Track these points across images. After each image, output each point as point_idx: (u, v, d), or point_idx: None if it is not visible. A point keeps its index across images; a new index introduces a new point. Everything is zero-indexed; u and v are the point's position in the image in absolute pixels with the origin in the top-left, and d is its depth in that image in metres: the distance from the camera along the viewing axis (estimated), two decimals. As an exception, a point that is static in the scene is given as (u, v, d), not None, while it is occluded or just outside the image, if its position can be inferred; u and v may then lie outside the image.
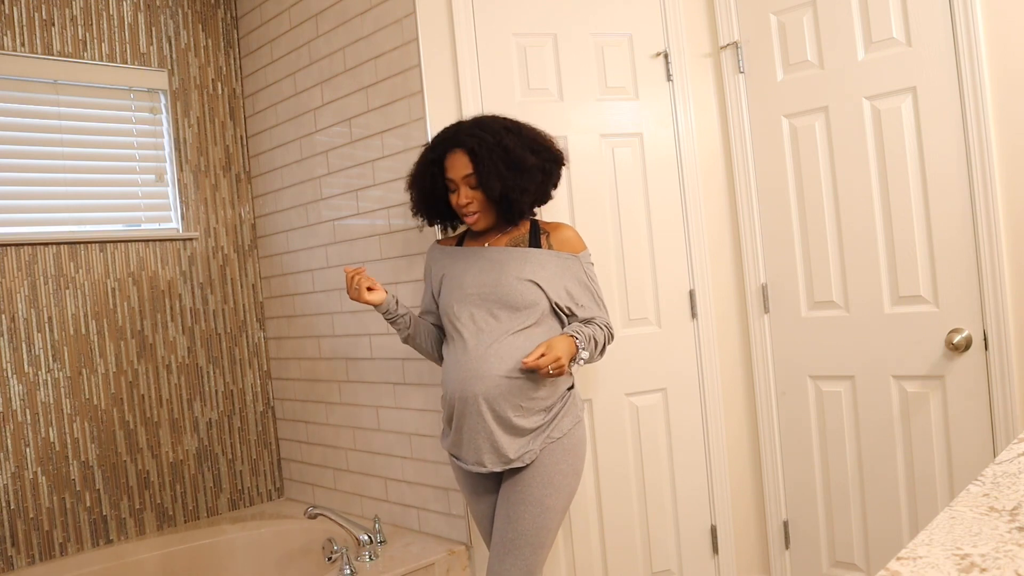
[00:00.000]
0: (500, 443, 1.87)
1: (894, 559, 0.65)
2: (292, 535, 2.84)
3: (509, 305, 1.91)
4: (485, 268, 1.97)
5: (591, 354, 1.92)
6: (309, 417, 3.09)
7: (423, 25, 2.40)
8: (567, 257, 2.00)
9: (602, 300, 2.05)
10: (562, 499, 1.91)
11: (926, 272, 2.23)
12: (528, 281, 1.92)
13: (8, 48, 2.70)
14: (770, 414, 2.56)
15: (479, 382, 1.87)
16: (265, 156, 3.17)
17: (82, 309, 2.81)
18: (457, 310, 1.96)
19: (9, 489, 2.62)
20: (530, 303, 1.91)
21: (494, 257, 1.98)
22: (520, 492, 1.88)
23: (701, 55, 2.59)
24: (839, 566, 2.46)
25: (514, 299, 1.91)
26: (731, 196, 2.60)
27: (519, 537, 1.86)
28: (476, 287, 1.95)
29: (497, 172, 1.92)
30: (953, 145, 2.15)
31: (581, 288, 2.00)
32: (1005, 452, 0.91)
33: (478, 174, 1.93)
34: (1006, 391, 2.11)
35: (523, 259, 1.96)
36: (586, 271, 2.02)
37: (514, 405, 1.87)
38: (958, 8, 2.10)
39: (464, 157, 1.96)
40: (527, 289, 1.92)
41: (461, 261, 2.03)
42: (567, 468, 1.91)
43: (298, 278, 3.06)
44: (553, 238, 2.03)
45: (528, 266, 1.95)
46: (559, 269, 1.97)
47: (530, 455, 1.88)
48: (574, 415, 1.96)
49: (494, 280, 1.94)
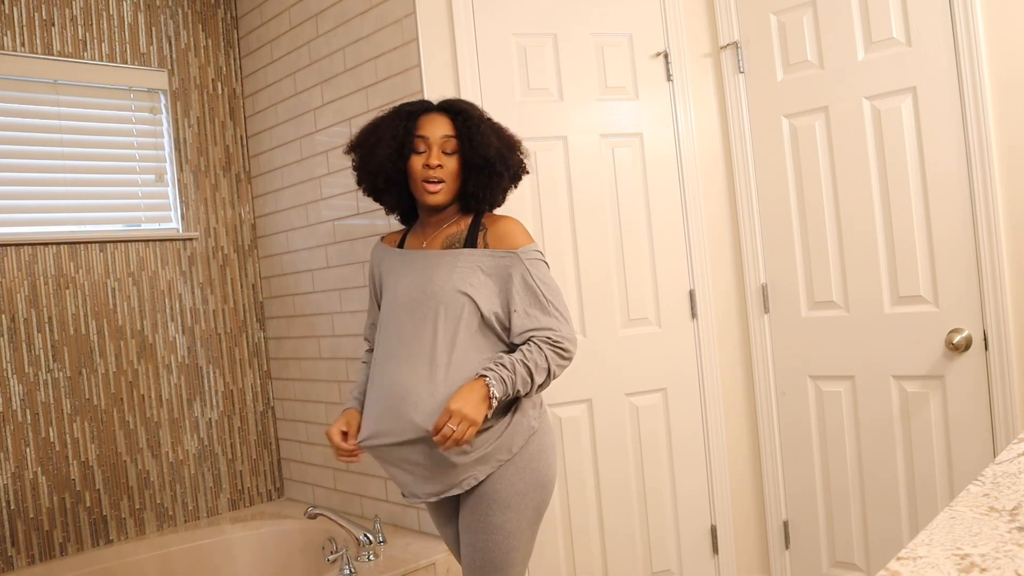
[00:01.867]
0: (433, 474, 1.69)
1: (894, 559, 0.65)
2: (292, 535, 2.84)
3: (435, 318, 1.69)
4: (416, 275, 1.76)
5: (506, 392, 1.62)
6: (309, 417, 3.08)
7: (423, 25, 2.40)
8: (503, 256, 1.71)
9: (552, 303, 1.70)
10: (526, 518, 1.72)
11: (926, 272, 2.23)
12: (456, 291, 1.68)
13: (8, 48, 2.70)
14: (770, 414, 2.56)
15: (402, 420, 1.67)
16: (265, 156, 3.17)
17: (82, 309, 2.81)
18: (385, 326, 1.78)
19: (9, 489, 2.62)
20: (454, 317, 1.68)
21: (426, 262, 1.76)
22: (479, 520, 1.69)
23: (701, 55, 2.59)
24: (839, 566, 2.46)
25: (438, 312, 1.68)
26: (731, 196, 2.60)
27: (488, 563, 1.70)
28: (405, 299, 1.76)
29: (486, 140, 1.74)
30: (953, 145, 2.15)
31: (524, 291, 1.69)
32: (1005, 452, 0.91)
33: (463, 138, 1.74)
34: (1006, 391, 2.11)
35: (452, 264, 1.72)
36: (530, 269, 1.70)
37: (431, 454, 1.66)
38: (958, 8, 2.10)
39: (445, 119, 1.77)
40: (453, 300, 1.68)
41: (399, 266, 1.82)
42: (524, 487, 1.70)
43: (298, 278, 3.06)
44: (490, 234, 1.75)
45: (456, 272, 1.70)
46: (493, 272, 1.71)
47: (470, 480, 1.68)
48: (525, 428, 1.72)
49: (419, 290, 1.73)
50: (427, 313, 1.70)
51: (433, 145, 1.75)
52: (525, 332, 1.68)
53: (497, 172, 1.77)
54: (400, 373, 1.70)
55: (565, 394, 2.41)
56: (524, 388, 1.65)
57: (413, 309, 1.73)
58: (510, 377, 1.62)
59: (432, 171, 1.74)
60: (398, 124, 1.77)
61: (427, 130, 1.76)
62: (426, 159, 1.74)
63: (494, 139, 1.77)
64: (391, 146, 1.76)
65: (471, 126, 1.75)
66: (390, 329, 1.77)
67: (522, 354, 1.65)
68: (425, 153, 1.75)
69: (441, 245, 1.79)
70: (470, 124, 1.75)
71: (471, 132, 1.74)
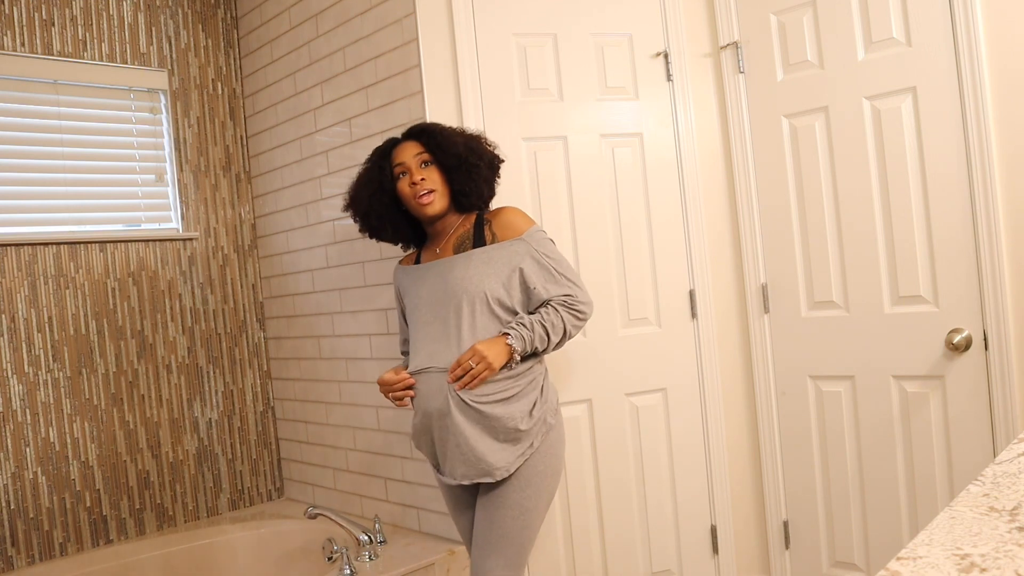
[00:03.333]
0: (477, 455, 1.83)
1: (894, 559, 0.65)
2: (292, 535, 2.84)
3: (457, 310, 1.86)
4: (434, 279, 1.94)
5: (525, 347, 1.82)
6: (309, 417, 3.09)
7: (423, 25, 2.40)
8: (511, 244, 1.89)
9: (564, 274, 1.89)
10: (542, 500, 1.89)
11: (926, 272, 2.23)
12: (471, 286, 1.86)
13: (8, 48, 2.70)
14: (770, 414, 2.56)
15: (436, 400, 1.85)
16: (265, 156, 3.17)
17: (82, 309, 2.81)
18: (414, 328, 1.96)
19: (9, 489, 2.62)
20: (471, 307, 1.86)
21: (441, 268, 1.94)
22: (499, 496, 1.85)
23: (701, 55, 2.59)
24: (839, 566, 2.46)
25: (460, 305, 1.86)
26: (731, 196, 2.60)
27: (502, 538, 1.84)
28: (427, 300, 1.93)
29: (452, 141, 1.94)
30: (953, 145, 2.15)
31: (539, 270, 1.87)
32: (1005, 452, 0.91)
33: (432, 149, 1.93)
34: (1006, 391, 2.11)
35: (466, 264, 1.89)
36: (538, 249, 1.89)
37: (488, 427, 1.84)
38: (958, 8, 2.10)
39: (413, 142, 1.97)
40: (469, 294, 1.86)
41: (419, 278, 2.00)
42: (543, 470, 1.88)
43: (298, 278, 3.06)
44: (495, 226, 1.93)
45: (471, 269, 1.88)
46: (504, 261, 1.88)
47: (503, 472, 1.84)
48: (544, 425, 1.90)
49: (440, 291, 1.90)
50: (449, 308, 1.88)
51: (411, 166, 1.95)
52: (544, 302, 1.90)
53: (472, 164, 1.94)
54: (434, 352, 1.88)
55: (565, 394, 2.41)
56: (542, 345, 1.85)
57: (436, 307, 1.91)
58: (529, 334, 1.83)
59: (418, 186, 1.92)
60: (379, 166, 2.00)
61: (401, 157, 1.97)
62: (410, 180, 1.94)
63: (458, 137, 1.97)
64: (370, 187, 2.00)
65: (434, 135, 1.95)
66: (418, 331, 1.95)
67: (540, 315, 1.85)
68: (407, 175, 1.95)
69: (453, 248, 1.97)
70: (434, 134, 1.96)
71: (436, 140, 1.94)
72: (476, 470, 1.83)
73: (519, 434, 1.84)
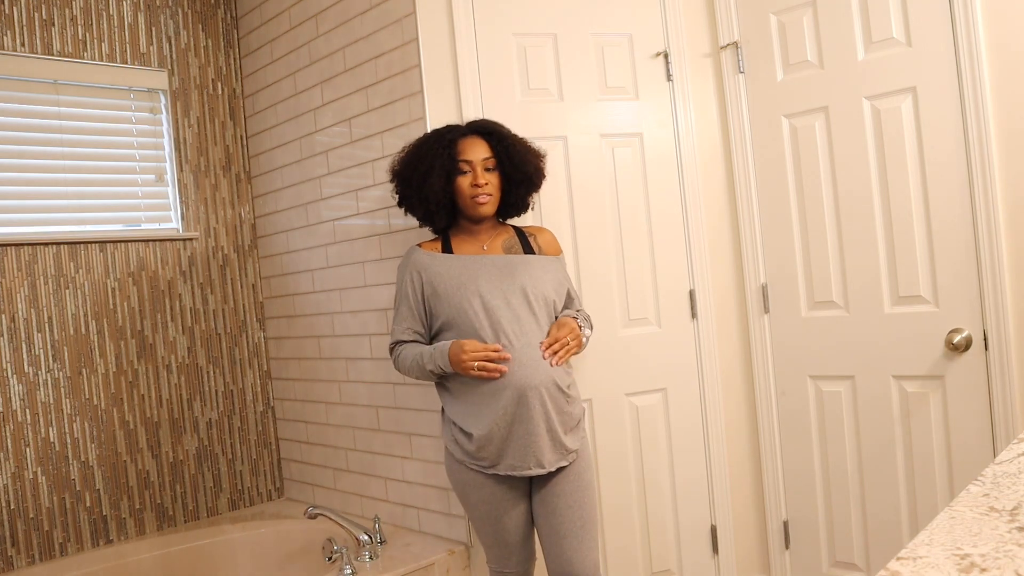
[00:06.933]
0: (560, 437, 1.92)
1: (894, 559, 0.65)
2: (292, 535, 2.84)
3: (529, 310, 1.96)
4: (496, 275, 1.98)
5: (588, 335, 2.06)
6: (309, 417, 3.09)
7: (423, 25, 2.40)
8: (555, 260, 2.10)
9: (578, 296, 2.17)
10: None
11: (926, 272, 2.23)
12: (545, 285, 2.01)
13: (8, 48, 2.70)
14: (770, 414, 2.56)
15: (537, 374, 1.89)
16: (265, 156, 3.17)
17: (82, 309, 2.81)
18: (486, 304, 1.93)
19: (9, 489, 2.63)
20: (543, 302, 2.00)
21: (501, 264, 2.01)
22: (577, 479, 1.96)
23: (701, 55, 2.59)
24: (839, 566, 2.46)
25: (531, 304, 1.96)
26: (731, 196, 2.60)
27: (588, 521, 1.95)
28: (495, 292, 1.96)
29: (524, 159, 2.05)
30: (953, 145, 2.15)
31: (567, 285, 2.12)
32: (1005, 452, 0.91)
33: (501, 157, 2.03)
34: (1006, 391, 2.11)
35: (533, 265, 2.03)
36: (565, 271, 2.14)
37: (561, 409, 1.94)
38: (958, 8, 2.10)
39: (482, 142, 2.04)
40: (542, 294, 1.99)
41: (461, 268, 2.00)
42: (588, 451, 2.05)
43: (298, 278, 3.06)
44: (540, 241, 2.12)
45: (535, 271, 2.02)
46: (553, 272, 2.07)
47: (574, 455, 1.97)
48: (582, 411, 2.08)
49: (509, 285, 1.97)
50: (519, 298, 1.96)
51: (476, 166, 2.02)
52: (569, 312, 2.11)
53: (535, 185, 2.11)
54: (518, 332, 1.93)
55: (565, 394, 2.41)
56: (589, 333, 2.07)
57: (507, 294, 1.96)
58: (587, 318, 2.09)
59: (480, 188, 2.01)
60: (442, 152, 2.01)
61: (469, 154, 2.02)
62: (472, 179, 2.01)
63: (530, 156, 2.08)
64: (442, 175, 2.01)
65: (507, 146, 2.04)
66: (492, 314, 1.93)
67: (582, 317, 2.08)
68: (470, 174, 2.02)
69: (503, 249, 2.08)
70: (506, 144, 2.04)
71: (509, 152, 2.04)
72: (558, 455, 1.93)
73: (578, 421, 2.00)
